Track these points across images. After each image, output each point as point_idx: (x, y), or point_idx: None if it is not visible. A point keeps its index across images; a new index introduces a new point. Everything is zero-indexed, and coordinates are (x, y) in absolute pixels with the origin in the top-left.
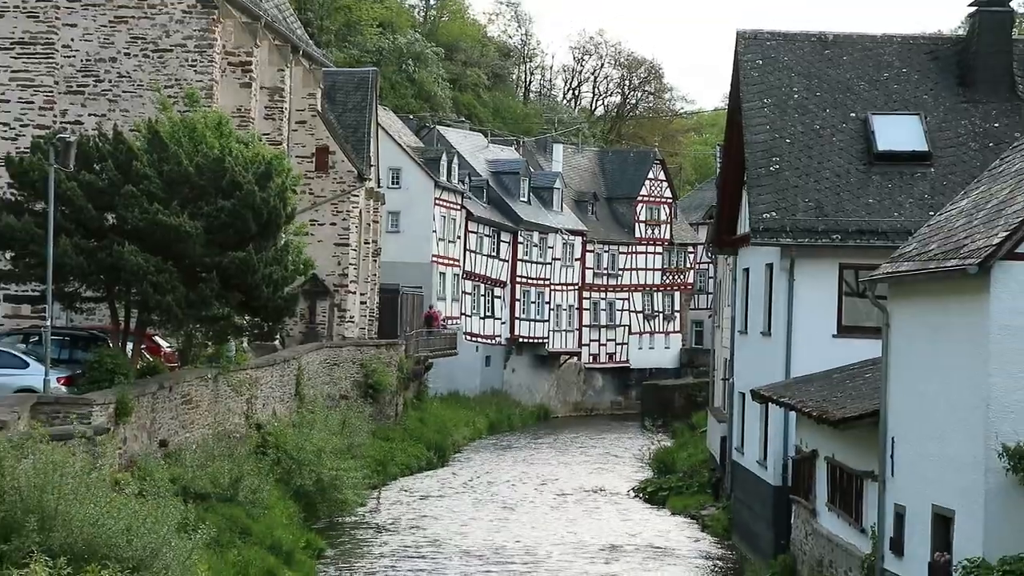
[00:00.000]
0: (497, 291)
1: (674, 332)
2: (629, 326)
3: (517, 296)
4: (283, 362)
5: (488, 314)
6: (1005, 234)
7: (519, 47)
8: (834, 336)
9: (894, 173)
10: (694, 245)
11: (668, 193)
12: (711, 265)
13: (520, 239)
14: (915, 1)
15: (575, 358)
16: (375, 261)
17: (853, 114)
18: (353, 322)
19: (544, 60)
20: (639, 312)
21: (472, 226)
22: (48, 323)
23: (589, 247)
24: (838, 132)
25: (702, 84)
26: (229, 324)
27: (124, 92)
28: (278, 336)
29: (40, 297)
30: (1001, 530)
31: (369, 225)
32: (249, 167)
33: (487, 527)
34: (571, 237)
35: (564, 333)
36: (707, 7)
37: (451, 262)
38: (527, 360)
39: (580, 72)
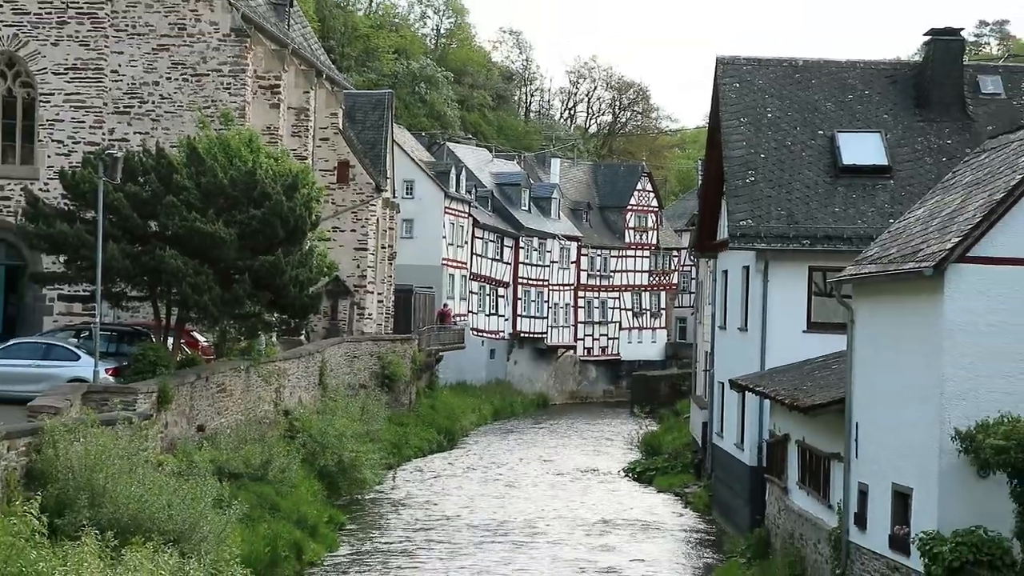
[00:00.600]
0: (501, 291)
1: (660, 328)
2: (619, 322)
3: (519, 295)
4: (308, 355)
5: (492, 311)
6: (957, 240)
7: (520, 71)
8: (804, 331)
9: (857, 185)
10: (678, 249)
11: (654, 202)
12: (693, 267)
13: (521, 244)
14: (876, 29)
15: (571, 351)
16: (391, 264)
17: (821, 131)
18: (371, 319)
19: (543, 83)
20: (628, 310)
21: (478, 232)
22: (97, 320)
23: (583, 251)
24: (807, 148)
25: (685, 104)
26: (259, 321)
27: (166, 112)
28: (303, 331)
29: (90, 296)
30: (954, 506)
31: (385, 231)
32: (278, 179)
33: (492, 503)
34: (567, 242)
35: (561, 329)
36: (690, 32)
37: (459, 265)
38: (528, 353)
39: (575, 94)
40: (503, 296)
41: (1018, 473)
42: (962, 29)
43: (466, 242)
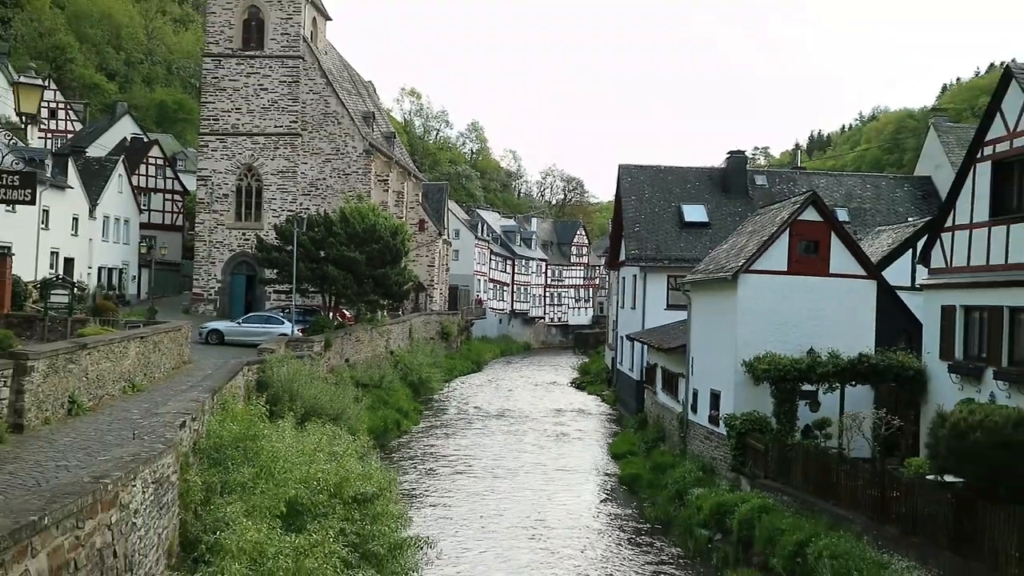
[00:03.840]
0: (505, 288)
1: (589, 307)
2: (568, 304)
3: (515, 290)
4: (403, 322)
5: (501, 299)
6: (744, 261)
7: (515, 171)
8: (665, 309)
9: (693, 232)
10: (599, 266)
11: (586, 241)
12: (608, 275)
13: (516, 263)
14: (702, 149)
15: (543, 320)
16: (446, 273)
17: (673, 204)
18: (436, 303)
19: (527, 177)
20: (573, 298)
21: (493, 258)
22: (293, 303)
23: (549, 267)
24: (666, 212)
25: (603, 187)
26: (378, 304)
27: (329, 194)
28: (401, 310)
29: (289, 291)
30: (742, 400)
31: (444, 256)
32: (387, 229)
33: (501, 400)
34: (541, 262)
35: (538, 307)
36: (607, 148)
37: (483, 274)
38: (520, 321)
39: (544, 183)
40: (506, 290)
41: (774, 383)
42: (745, 150)
43: (487, 262)
